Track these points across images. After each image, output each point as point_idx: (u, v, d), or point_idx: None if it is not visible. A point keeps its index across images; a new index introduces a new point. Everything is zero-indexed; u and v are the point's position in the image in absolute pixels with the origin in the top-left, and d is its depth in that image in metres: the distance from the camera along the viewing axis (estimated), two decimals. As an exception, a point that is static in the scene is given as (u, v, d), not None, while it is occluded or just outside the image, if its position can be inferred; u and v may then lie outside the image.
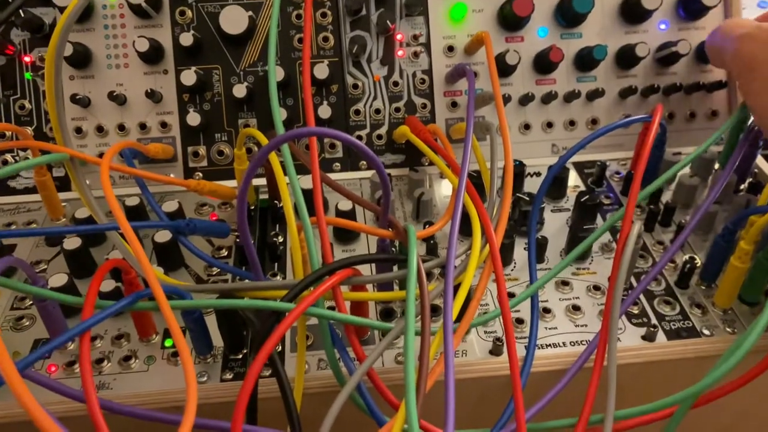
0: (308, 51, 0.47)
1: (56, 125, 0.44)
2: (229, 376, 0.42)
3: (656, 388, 0.41)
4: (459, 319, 0.38)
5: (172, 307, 0.34)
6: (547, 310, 0.46)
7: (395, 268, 0.45)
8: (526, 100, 0.59)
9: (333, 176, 0.58)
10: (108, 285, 0.43)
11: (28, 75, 0.57)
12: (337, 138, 0.35)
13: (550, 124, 0.60)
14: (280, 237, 0.52)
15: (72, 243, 0.47)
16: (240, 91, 0.55)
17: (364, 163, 0.59)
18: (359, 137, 0.59)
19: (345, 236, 0.52)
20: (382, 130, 0.59)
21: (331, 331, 0.38)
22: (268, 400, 0.39)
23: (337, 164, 0.59)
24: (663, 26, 0.60)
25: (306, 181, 0.51)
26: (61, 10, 0.54)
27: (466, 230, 0.51)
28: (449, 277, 0.36)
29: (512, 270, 0.49)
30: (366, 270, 0.47)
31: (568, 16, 0.58)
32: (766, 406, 0.48)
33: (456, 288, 0.38)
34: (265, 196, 0.56)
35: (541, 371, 0.42)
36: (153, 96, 0.56)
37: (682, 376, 0.43)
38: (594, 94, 0.59)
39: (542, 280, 0.45)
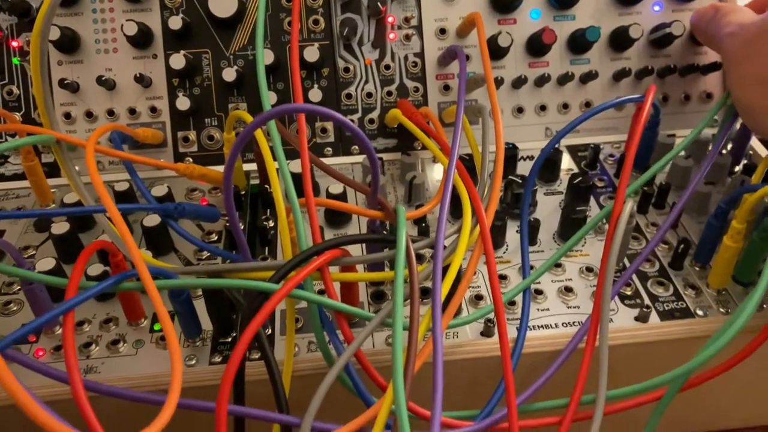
0: (296, 33, 0.46)
1: (42, 108, 0.44)
2: (218, 359, 0.41)
3: (650, 369, 0.41)
4: (449, 300, 0.38)
5: (158, 288, 0.34)
6: (539, 292, 0.45)
7: (387, 250, 0.45)
8: (518, 83, 0.58)
9: (324, 161, 0.58)
10: (96, 269, 0.43)
11: (15, 60, 0.56)
12: (324, 114, 0.34)
13: (543, 107, 0.60)
14: (270, 221, 0.51)
15: (60, 228, 0.47)
16: (230, 75, 0.55)
17: (356, 147, 0.59)
18: (351, 121, 0.58)
19: (336, 219, 0.51)
20: (374, 114, 0.59)
21: (321, 313, 0.37)
22: (257, 383, 0.38)
23: (329, 149, 0.59)
24: (657, 8, 0.60)
25: (296, 165, 0.51)
26: (48, -7, 0.54)
27: (457, 213, 0.51)
28: (438, 256, 0.36)
29: (504, 252, 0.49)
30: (357, 251, 0.46)
31: (561, -2, 0.58)
32: (763, 385, 0.48)
33: (446, 269, 0.38)
34: (256, 181, 0.55)
35: (533, 352, 0.42)
36: (142, 81, 0.55)
37: (675, 357, 0.42)
38: (587, 77, 0.59)
39: (540, 270, 0.45)
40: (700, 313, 0.44)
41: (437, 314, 0.33)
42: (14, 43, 0.56)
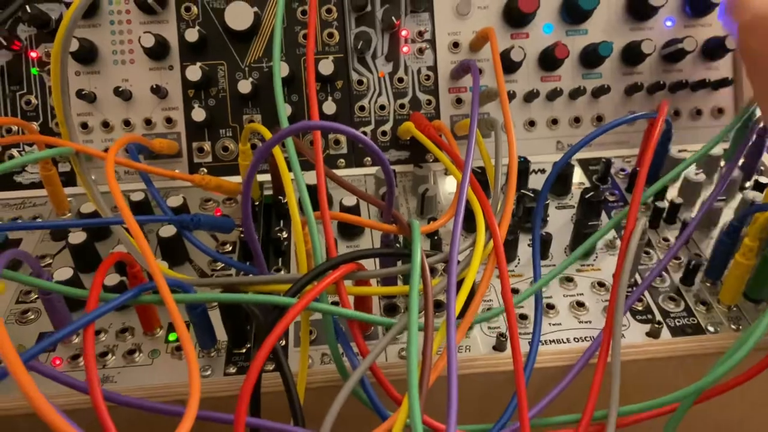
0: (312, 46, 0.47)
1: (62, 120, 0.45)
2: (232, 370, 0.42)
3: (661, 385, 0.41)
4: (462, 314, 0.38)
5: (176, 301, 0.34)
6: (551, 306, 0.45)
7: (399, 263, 0.45)
8: (531, 96, 0.59)
9: (337, 173, 0.58)
10: (112, 279, 0.44)
11: (34, 70, 0.57)
12: (340, 131, 0.35)
13: (555, 121, 0.60)
14: (284, 232, 0.52)
15: (77, 237, 0.47)
16: (245, 87, 0.55)
17: (369, 159, 0.59)
18: (364, 133, 0.59)
19: (349, 232, 0.52)
20: (387, 127, 0.59)
21: (335, 325, 0.38)
22: (271, 394, 0.39)
23: (342, 160, 0.59)
24: (669, 23, 0.60)
25: (309, 176, 0.51)
26: (68, 5, 0.54)
27: (470, 227, 0.51)
28: (452, 272, 0.36)
29: (516, 266, 0.49)
30: (369, 265, 0.47)
31: (574, 13, 0.58)
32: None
33: (460, 283, 0.38)
34: (270, 192, 0.56)
35: (545, 367, 0.42)
36: (158, 92, 0.56)
37: (686, 373, 0.43)
38: (599, 91, 0.59)
39: (547, 277, 0.45)
40: (711, 329, 0.44)
41: (451, 328, 0.34)
42: (33, 54, 0.56)
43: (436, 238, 0.49)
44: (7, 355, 0.27)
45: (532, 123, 0.60)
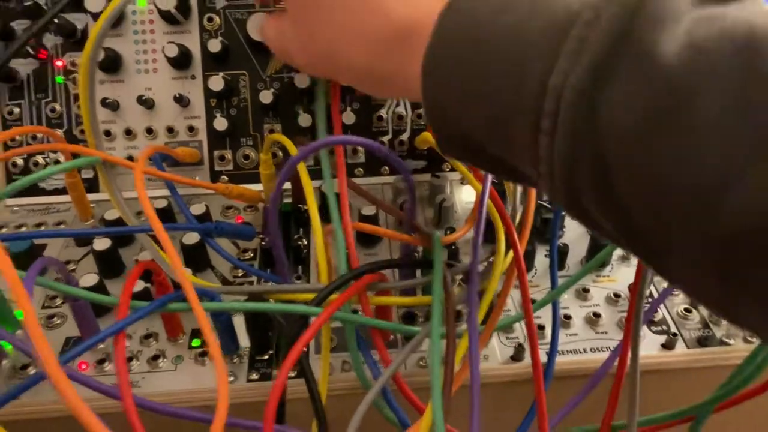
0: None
1: (89, 129, 0.45)
2: (255, 376, 0.43)
3: (675, 397, 0.42)
4: (483, 324, 0.39)
5: (205, 309, 0.35)
6: (567, 317, 0.46)
7: (418, 272, 0.46)
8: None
9: (355, 181, 0.59)
10: (137, 285, 0.45)
11: (59, 79, 0.58)
12: (365, 146, 0.36)
13: (570, 132, 0.61)
14: (304, 240, 0.53)
15: (102, 244, 0.48)
16: (266, 97, 0.56)
17: (386, 168, 0.60)
18: (381, 143, 0.60)
19: (367, 240, 0.53)
20: (405, 136, 0.60)
21: (357, 334, 0.38)
22: (293, 401, 0.39)
23: (360, 169, 0.60)
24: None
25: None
26: (94, 15, 0.56)
27: (488, 237, 0.52)
28: (473, 283, 0.37)
29: (533, 277, 0.50)
30: (387, 274, 0.48)
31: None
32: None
33: (479, 294, 0.39)
34: (289, 200, 0.56)
35: (562, 377, 0.42)
36: (181, 101, 0.57)
37: (701, 385, 0.43)
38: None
39: (564, 286, 0.45)
40: (727, 341, 0.44)
41: (474, 338, 0.34)
42: (59, 63, 0.58)
43: (453, 247, 0.50)
44: (47, 361, 0.28)
45: (548, 134, 0.61)
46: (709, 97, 0.22)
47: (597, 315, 0.46)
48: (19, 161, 0.58)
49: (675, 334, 0.44)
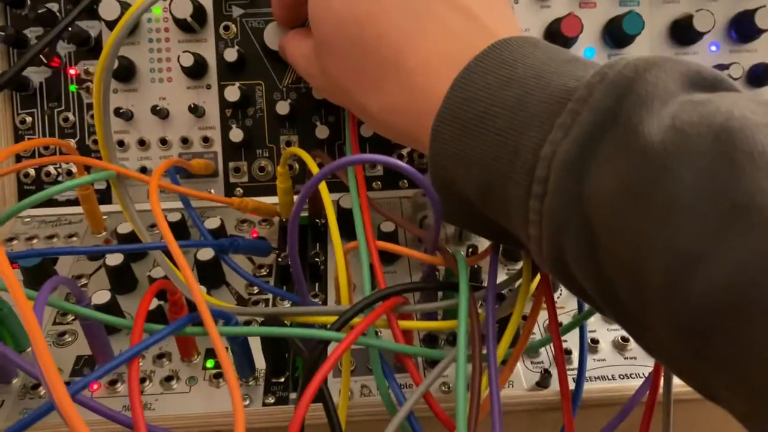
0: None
1: (102, 142, 0.44)
2: (271, 400, 0.41)
3: (710, 428, 0.40)
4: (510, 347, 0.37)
5: (221, 333, 0.34)
6: (595, 341, 0.44)
7: (440, 293, 0.44)
8: (571, 121, 0.58)
9: (373, 194, 0.58)
10: (151, 304, 0.43)
11: (72, 87, 0.57)
12: (389, 165, 0.34)
13: (594, 146, 0.59)
14: (321, 256, 0.51)
15: (114, 259, 0.47)
16: (283, 108, 0.55)
17: (405, 181, 0.59)
18: (400, 156, 0.58)
19: (386, 258, 0.51)
20: (424, 149, 0.58)
21: (381, 358, 0.37)
22: (310, 427, 0.38)
23: (378, 183, 0.59)
24: (714, 48, 0.59)
25: (345, 200, 0.51)
26: (108, 23, 0.54)
27: (510, 254, 0.51)
28: (491, 311, 0.36)
29: (558, 298, 0.48)
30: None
31: (617, 37, 0.57)
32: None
33: (506, 318, 0.38)
34: (304, 214, 0.55)
35: (591, 405, 0.41)
36: (196, 111, 0.56)
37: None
38: (641, 117, 0.58)
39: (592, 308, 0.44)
40: (762, 369, 0.43)
41: (494, 375, 0.33)
42: (72, 71, 0.56)
43: (476, 267, 0.48)
44: (56, 391, 0.27)
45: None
46: (681, 175, 0.23)
47: (626, 339, 0.44)
48: (31, 171, 0.57)
49: (707, 361, 0.42)
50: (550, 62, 0.31)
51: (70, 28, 0.53)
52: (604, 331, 0.45)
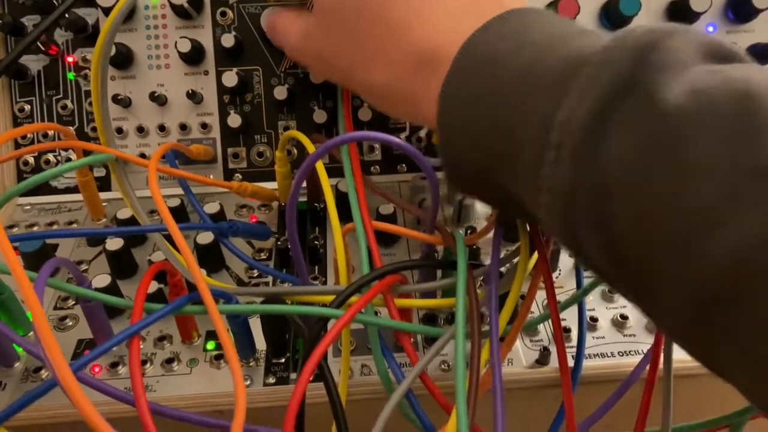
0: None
1: (100, 127, 0.44)
2: (271, 380, 0.41)
3: (710, 404, 0.40)
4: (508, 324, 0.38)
5: (221, 312, 0.34)
6: (593, 319, 0.45)
7: (439, 272, 0.45)
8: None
9: (372, 179, 0.58)
10: (151, 286, 0.44)
11: (70, 75, 0.57)
12: (388, 142, 0.34)
13: (592, 128, 0.59)
14: (320, 240, 0.51)
15: (114, 244, 0.47)
16: (281, 93, 0.55)
17: (404, 165, 0.59)
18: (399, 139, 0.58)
19: (385, 240, 0.51)
20: (422, 133, 0.59)
21: (380, 337, 0.37)
22: (311, 405, 0.38)
23: (376, 167, 0.59)
24: (711, 28, 0.59)
25: (344, 185, 0.51)
26: (105, 11, 0.54)
27: (508, 235, 0.51)
28: (494, 286, 0.36)
29: (557, 278, 0.48)
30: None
31: (614, 18, 0.57)
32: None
33: (504, 296, 0.38)
34: (303, 198, 0.55)
35: (590, 381, 0.41)
36: (194, 97, 0.56)
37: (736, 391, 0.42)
38: (639, 98, 0.58)
39: (591, 285, 0.44)
40: (761, 344, 0.43)
41: (495, 347, 0.33)
42: (70, 59, 0.57)
43: (474, 247, 0.48)
44: (59, 368, 0.27)
45: (569, 130, 0.59)
46: (702, 140, 0.23)
47: (624, 317, 0.45)
48: (30, 159, 0.57)
49: (706, 337, 0.42)
50: (562, 30, 0.30)
51: (67, 15, 0.53)
52: (603, 309, 0.46)
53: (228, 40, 0.55)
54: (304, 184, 0.55)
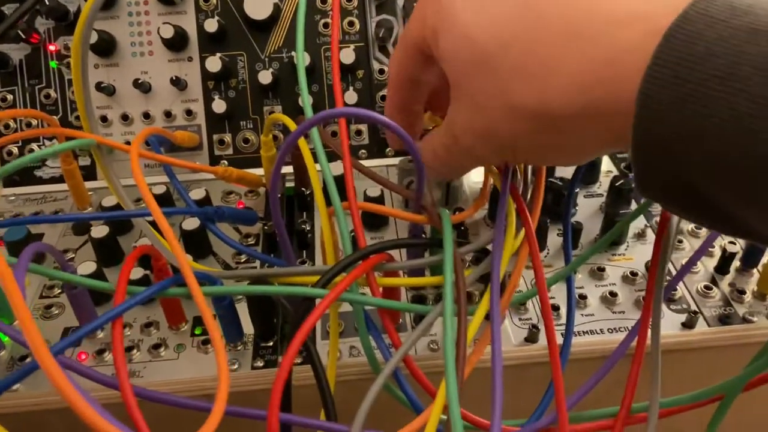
0: (337, 35, 0.46)
1: (83, 114, 0.44)
2: (260, 363, 0.41)
3: (696, 377, 0.40)
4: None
5: (204, 294, 0.33)
6: (583, 297, 0.44)
7: (426, 253, 0.44)
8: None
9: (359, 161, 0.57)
10: (136, 273, 0.43)
11: (53, 63, 0.56)
12: (369, 118, 0.34)
13: (580, 109, 0.59)
14: (307, 224, 0.51)
15: (100, 231, 0.47)
16: (266, 77, 0.55)
17: (391, 150, 0.58)
18: (386, 123, 0.58)
19: (373, 223, 0.51)
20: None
21: (366, 317, 0.37)
22: (299, 387, 0.38)
23: (364, 151, 0.58)
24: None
25: (335, 168, 0.50)
26: (86, -3, 0.54)
27: (493, 215, 0.50)
28: (496, 266, 0.36)
29: (545, 257, 0.48)
30: (394, 255, 0.46)
31: None
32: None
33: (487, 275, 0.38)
34: (292, 185, 0.55)
35: (580, 358, 0.41)
36: (178, 83, 0.55)
37: (723, 364, 0.42)
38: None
39: (578, 260, 0.44)
40: (750, 318, 0.43)
41: (497, 332, 0.33)
42: (52, 47, 0.56)
43: (462, 228, 0.48)
44: (37, 349, 0.26)
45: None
46: None
47: (613, 294, 0.44)
48: (14, 149, 0.56)
49: (695, 312, 0.42)
50: None
51: (47, 3, 0.53)
52: (592, 286, 0.45)
53: (211, 26, 0.54)
54: (291, 171, 0.55)
